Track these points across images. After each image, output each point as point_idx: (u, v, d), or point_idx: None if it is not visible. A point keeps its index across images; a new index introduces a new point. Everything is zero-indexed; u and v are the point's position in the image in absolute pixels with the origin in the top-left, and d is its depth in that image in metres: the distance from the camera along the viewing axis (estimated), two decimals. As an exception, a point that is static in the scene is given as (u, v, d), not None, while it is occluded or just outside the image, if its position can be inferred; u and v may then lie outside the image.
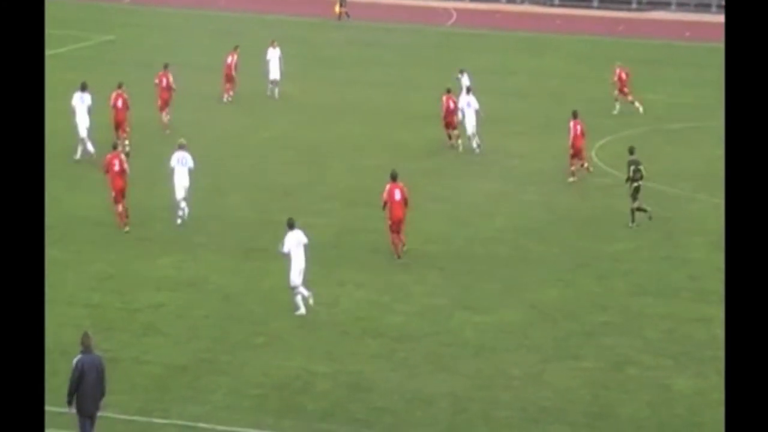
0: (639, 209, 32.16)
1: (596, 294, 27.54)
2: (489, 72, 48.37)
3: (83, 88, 37.71)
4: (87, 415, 18.77)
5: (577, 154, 36.20)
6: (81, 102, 37.32)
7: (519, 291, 27.49)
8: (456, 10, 76.42)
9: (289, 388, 22.09)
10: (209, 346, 23.67)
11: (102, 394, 18.92)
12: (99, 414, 19.03)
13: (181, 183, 31.22)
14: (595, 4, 76.80)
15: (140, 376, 22.18)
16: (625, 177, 32.47)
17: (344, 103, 47.85)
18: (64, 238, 29.54)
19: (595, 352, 24.17)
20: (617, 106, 45.77)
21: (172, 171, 31.46)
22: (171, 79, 41.60)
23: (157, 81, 41.96)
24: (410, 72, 54.57)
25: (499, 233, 31.91)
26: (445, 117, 39.60)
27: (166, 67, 42.10)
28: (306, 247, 25.81)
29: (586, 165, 36.69)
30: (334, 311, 25.82)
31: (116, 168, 30.85)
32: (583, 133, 36.11)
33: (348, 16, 72.29)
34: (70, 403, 18.73)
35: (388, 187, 29.05)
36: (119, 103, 38.28)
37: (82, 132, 37.34)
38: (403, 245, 29.31)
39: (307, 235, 25.99)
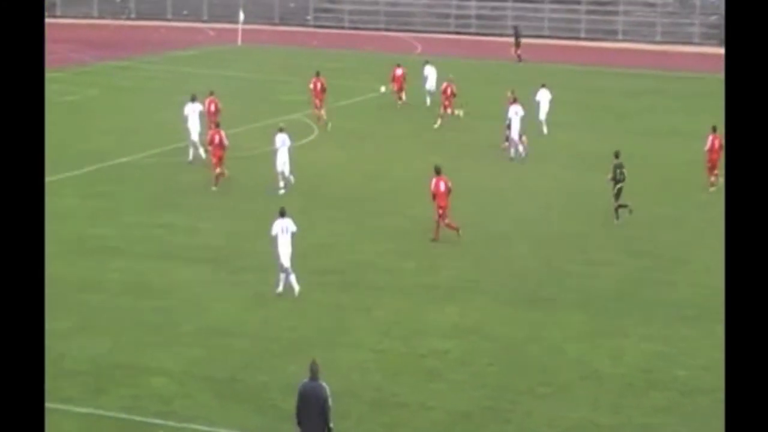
0: (621, 206, 36.27)
1: None
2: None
3: (193, 99, 44.02)
4: None
5: (713, 167, 40.41)
6: (192, 111, 43.45)
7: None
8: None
9: (573, 439, 21.97)
10: (493, 393, 23.79)
11: (325, 422, 19.02)
12: None
13: (282, 159, 39.45)
14: None
15: (425, 421, 22.50)
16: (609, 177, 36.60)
17: (623, 151, 47.36)
18: (353, 283, 30.36)
19: None
20: (439, 121, 51.72)
21: (275, 151, 39.28)
22: (325, 83, 51.52)
23: (311, 86, 51.57)
24: (692, 120, 53.60)
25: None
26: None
27: (318, 74, 51.91)
28: (293, 235, 29.05)
29: (713, 179, 40.31)
30: (619, 363, 25.54)
31: (216, 141, 39.39)
32: (720, 147, 39.52)
33: (519, 59, 72.88)
34: (298, 424, 19.13)
35: (434, 180, 33.84)
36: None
37: (194, 136, 43.10)
38: (457, 230, 33.95)
39: (295, 223, 29.24)
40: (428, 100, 56.82)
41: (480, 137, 49.40)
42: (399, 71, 57.81)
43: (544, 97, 50.96)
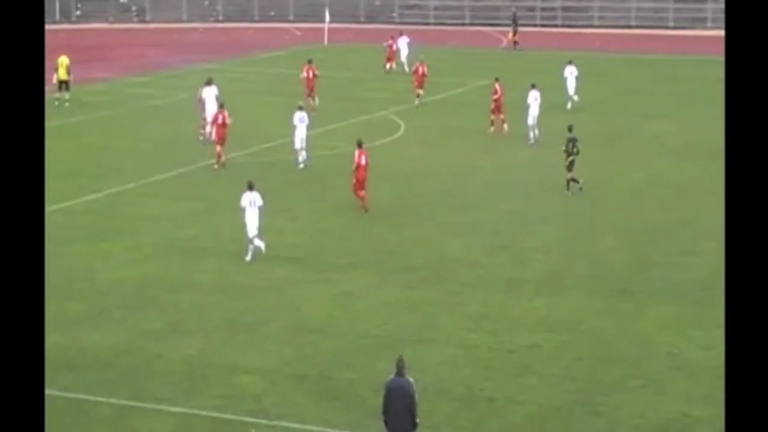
0: (572, 180, 38.22)
1: None
2: None
3: (209, 83, 47.26)
4: None
5: None
6: (209, 94, 46.62)
7: None
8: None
9: (666, 431, 21.80)
10: (583, 387, 23.68)
11: (412, 419, 19.05)
12: None
13: (300, 136, 42.15)
14: None
15: (516, 415, 22.48)
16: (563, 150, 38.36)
17: (715, 143, 46.83)
18: (441, 279, 30.40)
19: None
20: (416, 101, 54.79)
21: (293, 129, 41.97)
22: (316, 71, 53.10)
23: (304, 74, 53.15)
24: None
25: None
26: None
27: (310, 62, 53.62)
28: (260, 209, 31.26)
29: None
30: (711, 354, 25.26)
31: (219, 121, 42.54)
32: None
33: (517, 44, 74.84)
34: (384, 421, 19.18)
35: (356, 153, 35.99)
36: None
37: (207, 116, 45.94)
38: (363, 202, 36.12)
39: (262, 197, 31.46)
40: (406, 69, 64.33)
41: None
42: (395, 46, 66.81)
43: (570, 73, 53.65)
